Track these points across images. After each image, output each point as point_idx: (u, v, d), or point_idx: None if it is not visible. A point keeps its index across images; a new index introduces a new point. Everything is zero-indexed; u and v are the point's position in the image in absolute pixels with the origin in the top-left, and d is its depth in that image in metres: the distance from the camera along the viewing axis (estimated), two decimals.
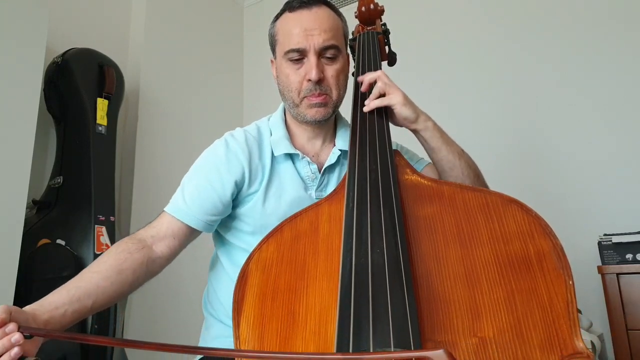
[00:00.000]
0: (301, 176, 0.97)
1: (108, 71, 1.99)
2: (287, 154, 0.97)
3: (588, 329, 1.59)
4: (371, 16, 1.15)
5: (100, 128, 1.92)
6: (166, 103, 2.46)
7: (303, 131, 1.01)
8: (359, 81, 0.98)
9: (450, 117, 1.56)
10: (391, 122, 0.95)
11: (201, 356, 0.93)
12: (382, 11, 1.15)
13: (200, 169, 0.97)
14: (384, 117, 0.92)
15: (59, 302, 0.73)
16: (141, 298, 2.09)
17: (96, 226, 1.77)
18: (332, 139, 1.03)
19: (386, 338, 0.53)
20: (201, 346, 0.51)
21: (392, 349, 0.52)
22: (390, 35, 1.14)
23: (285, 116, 1.04)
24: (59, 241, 1.70)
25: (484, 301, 0.58)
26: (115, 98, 2.02)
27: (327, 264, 0.67)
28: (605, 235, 1.62)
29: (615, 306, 1.49)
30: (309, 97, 0.93)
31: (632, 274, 1.50)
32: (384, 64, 1.11)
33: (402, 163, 0.84)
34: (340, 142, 1.01)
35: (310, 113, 0.94)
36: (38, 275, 1.58)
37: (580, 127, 2.02)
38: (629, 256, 1.54)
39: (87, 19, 2.24)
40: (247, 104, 3.03)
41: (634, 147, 1.90)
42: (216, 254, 1.05)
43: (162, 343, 0.51)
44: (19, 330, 0.60)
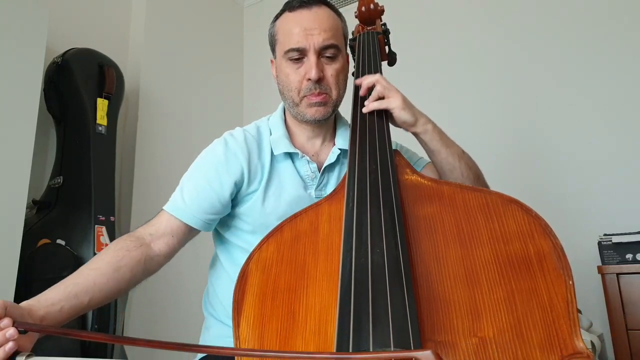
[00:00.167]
0: (301, 175, 0.97)
1: (108, 71, 1.99)
2: (287, 153, 0.97)
3: (588, 329, 1.59)
4: (371, 16, 1.15)
5: (100, 128, 1.92)
6: (166, 103, 2.46)
7: (303, 131, 1.01)
8: (357, 84, 0.98)
9: (450, 117, 1.56)
10: (391, 123, 0.95)
11: (202, 355, 0.93)
12: (382, 11, 1.15)
13: (199, 168, 0.97)
14: (384, 117, 0.92)
15: (56, 298, 0.74)
16: (141, 298, 2.09)
17: (96, 226, 1.77)
18: (332, 139, 1.03)
19: (386, 338, 0.53)
20: (194, 344, 0.51)
21: (392, 349, 0.52)
22: (390, 35, 1.14)
23: (284, 116, 1.04)
24: (59, 241, 1.70)
25: (484, 301, 0.58)
26: (115, 98, 2.02)
27: (327, 264, 0.67)
28: (605, 235, 1.62)
29: (615, 306, 1.49)
30: (309, 97, 0.93)
31: (632, 274, 1.50)
32: (384, 64, 1.11)
33: (402, 163, 0.84)
34: (340, 141, 1.01)
35: (310, 112, 0.94)
36: (38, 275, 1.58)
37: (580, 127, 2.02)
38: (629, 256, 1.54)
39: (87, 19, 2.24)
40: (247, 104, 3.03)
41: (634, 147, 1.90)
42: (216, 253, 1.05)
43: (154, 340, 0.51)
44: (14, 325, 0.60)
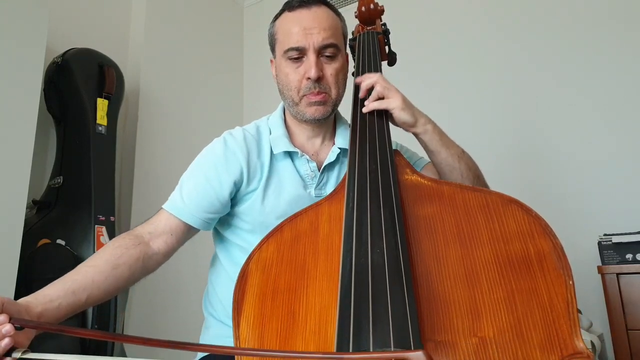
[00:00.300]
0: (300, 174, 0.97)
1: (108, 71, 1.99)
2: (286, 152, 0.97)
3: (588, 329, 1.59)
4: (371, 16, 1.15)
5: (100, 128, 1.92)
6: (166, 103, 2.46)
7: (302, 130, 1.01)
8: (357, 82, 0.98)
9: (450, 117, 1.55)
10: (391, 123, 0.95)
11: (202, 355, 0.93)
12: (382, 11, 1.15)
13: (198, 167, 0.97)
14: (384, 117, 0.92)
15: (54, 295, 0.74)
16: (141, 298, 2.09)
17: (96, 226, 1.77)
18: (332, 138, 1.03)
19: (386, 338, 0.53)
20: (191, 342, 0.51)
21: (392, 349, 0.52)
22: (390, 35, 1.14)
23: (284, 115, 1.04)
24: (59, 241, 1.70)
25: (484, 301, 0.58)
26: (115, 98, 2.02)
27: (327, 264, 0.67)
28: (605, 235, 1.62)
29: (615, 306, 1.49)
30: (308, 96, 0.93)
31: (632, 274, 1.50)
32: (384, 64, 1.11)
33: (402, 163, 0.84)
34: (339, 141, 1.01)
35: (309, 111, 0.94)
36: (38, 275, 1.58)
37: (580, 127, 2.02)
38: (629, 256, 1.54)
39: (87, 19, 2.24)
40: (247, 104, 3.03)
41: (634, 147, 1.90)
42: (216, 253, 1.05)
43: (152, 338, 0.51)
44: (10, 321, 0.60)
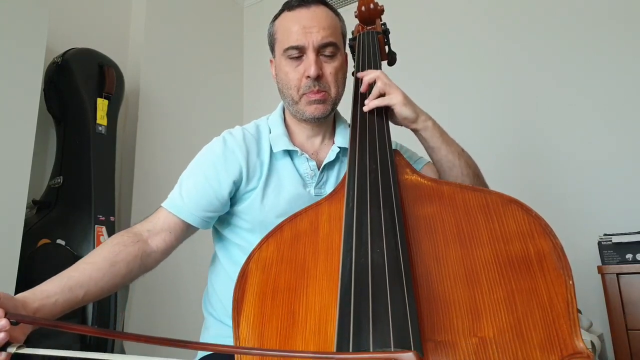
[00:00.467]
0: (300, 173, 0.97)
1: (108, 71, 1.99)
2: (286, 151, 0.97)
3: (588, 329, 1.59)
4: (371, 16, 1.15)
5: (100, 128, 1.92)
6: (166, 103, 2.46)
7: (302, 129, 1.01)
8: (359, 77, 0.98)
9: (450, 117, 1.55)
10: (391, 122, 0.95)
11: (203, 355, 0.93)
12: (382, 11, 1.15)
13: (198, 166, 0.97)
14: (384, 117, 0.92)
15: (51, 291, 0.74)
16: (141, 298, 2.09)
17: (96, 226, 1.77)
18: (331, 137, 1.03)
19: (386, 338, 0.53)
20: (189, 340, 0.51)
21: (392, 349, 0.52)
22: (390, 35, 1.14)
23: (284, 115, 1.04)
24: (59, 241, 1.70)
25: (484, 301, 0.58)
26: (115, 98, 2.02)
27: (327, 264, 0.67)
28: (605, 235, 1.62)
29: (615, 306, 1.49)
30: (308, 94, 0.93)
31: (632, 274, 1.50)
32: (384, 64, 1.11)
33: (402, 163, 0.84)
34: (339, 140, 1.01)
35: (309, 110, 0.94)
36: (38, 275, 1.56)
37: (580, 127, 2.02)
38: (629, 256, 1.54)
39: (87, 19, 2.24)
40: (247, 104, 3.03)
41: (634, 147, 1.90)
42: (215, 252, 1.05)
43: (149, 336, 0.51)
44: (6, 316, 0.60)
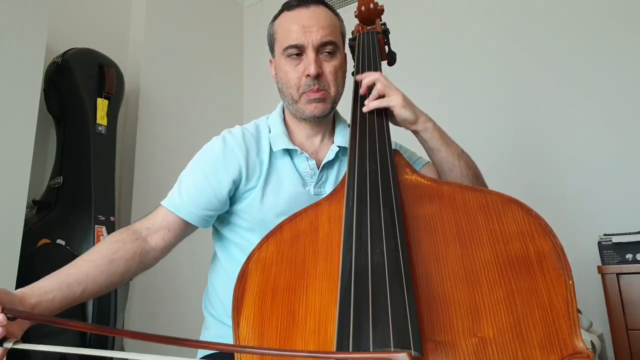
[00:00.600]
0: (299, 172, 0.97)
1: (108, 71, 1.99)
2: (285, 150, 0.98)
3: (588, 329, 1.59)
4: (371, 16, 1.15)
5: (100, 128, 1.92)
6: (166, 103, 2.46)
7: (302, 129, 1.01)
8: (358, 80, 0.98)
9: (450, 117, 1.55)
10: (391, 122, 0.95)
11: (204, 354, 0.93)
12: (382, 11, 1.15)
13: (197, 165, 0.98)
14: (384, 117, 0.92)
15: (49, 288, 0.75)
16: (141, 298, 2.09)
17: (96, 226, 1.77)
18: (331, 137, 1.04)
19: (386, 338, 0.53)
20: (185, 338, 0.51)
21: (392, 349, 0.52)
22: (390, 34, 1.14)
23: (283, 114, 1.04)
24: (59, 241, 1.70)
25: (484, 301, 0.58)
26: (115, 98, 2.02)
27: (327, 264, 0.67)
28: (605, 235, 1.62)
29: (615, 306, 1.49)
30: (308, 93, 0.93)
31: (632, 274, 1.50)
32: (384, 64, 1.11)
33: (402, 163, 0.84)
34: (338, 139, 1.01)
35: (309, 109, 0.94)
36: (38, 275, 1.56)
37: (580, 127, 2.02)
38: (629, 256, 1.54)
39: (87, 19, 2.24)
40: (247, 104, 3.03)
41: (634, 147, 1.90)
42: (215, 251, 1.05)
43: (140, 332, 0.51)
44: (3, 311, 0.60)
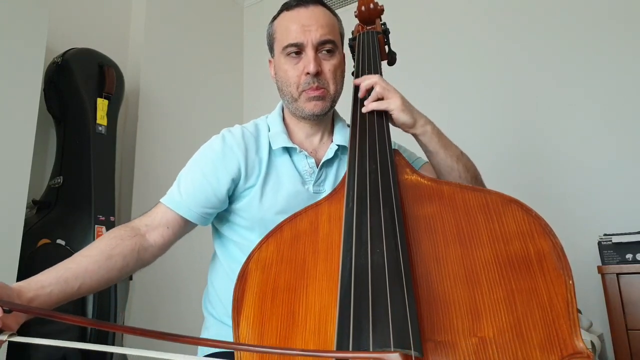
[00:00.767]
0: (298, 170, 0.98)
1: (108, 71, 1.99)
2: (285, 148, 0.98)
3: (588, 329, 1.59)
4: (371, 16, 1.15)
5: (100, 128, 1.92)
6: (166, 103, 2.46)
7: (301, 128, 1.02)
8: (356, 84, 0.98)
9: (450, 117, 1.56)
10: (390, 123, 0.95)
11: (206, 353, 0.93)
12: (382, 11, 1.15)
13: (196, 163, 0.98)
14: (384, 117, 0.92)
15: (46, 282, 0.74)
16: (141, 298, 2.09)
17: (96, 226, 1.77)
18: (330, 136, 1.04)
19: (386, 338, 0.53)
20: (177, 334, 0.51)
21: (392, 349, 0.52)
22: (390, 34, 1.14)
23: (283, 114, 1.05)
24: (59, 241, 1.70)
25: (484, 301, 0.58)
26: (115, 98, 2.02)
27: (327, 264, 0.67)
28: (605, 235, 1.62)
29: (615, 306, 1.49)
30: (307, 91, 0.94)
31: (632, 274, 1.50)
32: (384, 64, 1.11)
33: (402, 163, 0.84)
34: (337, 138, 1.01)
35: (308, 107, 0.95)
36: None
37: (580, 127, 2.02)
38: (629, 256, 1.54)
39: (87, 19, 2.24)
40: (247, 104, 3.03)
41: (634, 147, 1.90)
42: (215, 250, 1.05)
43: (139, 328, 0.51)
44: None
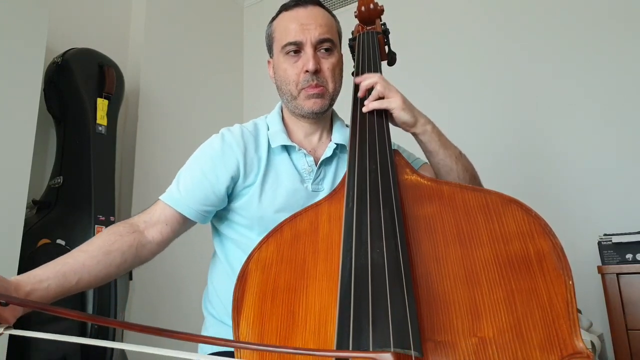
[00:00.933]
0: (297, 168, 0.98)
1: (108, 71, 1.99)
2: (284, 147, 0.99)
3: (588, 329, 1.59)
4: (371, 16, 1.15)
5: (100, 128, 1.92)
6: (166, 103, 2.46)
7: (300, 127, 1.02)
8: (357, 82, 0.98)
9: (450, 117, 1.56)
10: (390, 123, 0.95)
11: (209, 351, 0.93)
12: (382, 11, 1.15)
13: (196, 161, 0.99)
14: (384, 117, 0.92)
15: (44, 276, 0.75)
16: (141, 298, 2.09)
17: (96, 226, 1.77)
18: (329, 135, 1.05)
19: (386, 338, 0.53)
20: (174, 330, 0.50)
21: (392, 350, 0.52)
22: (390, 35, 1.14)
23: (282, 113, 1.05)
24: (59, 241, 1.70)
25: (484, 301, 0.58)
26: (115, 98, 2.02)
27: (327, 264, 0.67)
28: (605, 235, 1.62)
29: (615, 306, 1.49)
30: (307, 89, 0.95)
31: (632, 274, 1.50)
32: (384, 64, 1.11)
33: (402, 163, 0.84)
34: (336, 136, 1.02)
35: (307, 104, 0.95)
36: None
37: (580, 127, 2.02)
38: (629, 256, 1.54)
39: (87, 19, 2.24)
40: (247, 104, 3.03)
41: (634, 147, 1.90)
42: (214, 250, 1.06)
43: (138, 324, 0.51)
44: None
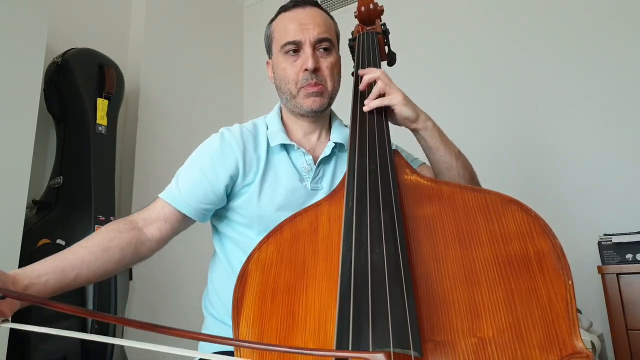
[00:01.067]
0: (296, 167, 0.99)
1: (108, 71, 1.99)
2: (283, 146, 0.99)
3: (588, 329, 1.59)
4: (371, 16, 1.15)
5: (100, 128, 1.92)
6: (166, 103, 2.46)
7: (299, 126, 1.03)
8: (359, 74, 0.99)
9: (450, 117, 1.55)
10: (390, 122, 0.95)
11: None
12: (382, 11, 1.15)
13: (195, 160, 0.99)
14: (384, 117, 0.92)
15: (42, 271, 0.75)
16: (141, 297, 2.09)
17: (96, 226, 1.77)
18: (327, 134, 1.05)
19: (386, 338, 0.53)
20: (172, 327, 0.50)
21: (392, 350, 0.52)
22: (390, 35, 1.14)
23: (281, 113, 1.06)
24: (59, 241, 1.70)
25: (484, 301, 0.58)
26: (115, 98, 2.02)
27: (327, 264, 0.67)
28: (605, 235, 1.62)
29: (615, 306, 1.49)
30: (306, 87, 0.96)
31: (632, 274, 1.50)
32: (384, 64, 1.11)
33: (402, 163, 0.84)
34: (335, 136, 1.02)
35: (307, 103, 0.96)
36: None
37: (580, 127, 2.02)
38: (629, 256, 1.54)
39: (87, 19, 2.24)
40: (247, 104, 3.03)
41: (634, 147, 1.90)
42: (214, 250, 1.06)
43: (137, 320, 0.51)
44: None
